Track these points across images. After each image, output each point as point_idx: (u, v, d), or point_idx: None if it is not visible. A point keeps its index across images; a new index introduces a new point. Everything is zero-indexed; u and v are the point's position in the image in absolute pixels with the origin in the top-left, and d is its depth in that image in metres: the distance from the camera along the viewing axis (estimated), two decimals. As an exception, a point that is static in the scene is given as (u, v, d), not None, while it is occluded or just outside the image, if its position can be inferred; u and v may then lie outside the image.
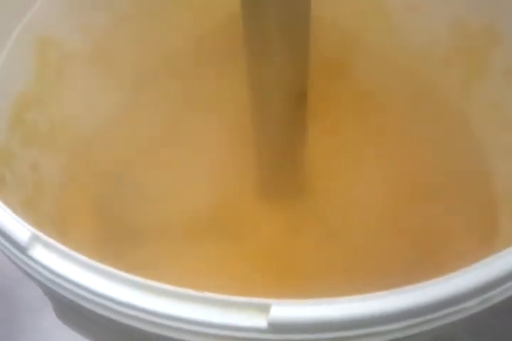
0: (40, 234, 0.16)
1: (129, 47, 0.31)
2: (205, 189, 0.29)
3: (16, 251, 0.16)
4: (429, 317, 0.14)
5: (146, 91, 0.32)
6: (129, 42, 0.31)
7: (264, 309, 0.14)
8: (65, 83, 0.28)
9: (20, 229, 0.16)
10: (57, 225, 0.25)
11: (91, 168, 0.29)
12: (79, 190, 0.28)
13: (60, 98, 0.28)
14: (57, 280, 0.15)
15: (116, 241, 0.27)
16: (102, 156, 0.29)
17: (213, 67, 0.31)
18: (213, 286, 0.15)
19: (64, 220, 0.26)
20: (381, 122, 0.31)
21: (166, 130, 0.31)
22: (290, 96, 0.25)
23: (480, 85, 0.28)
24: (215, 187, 0.29)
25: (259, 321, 0.14)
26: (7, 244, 0.16)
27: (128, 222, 0.28)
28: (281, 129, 0.27)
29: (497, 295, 0.15)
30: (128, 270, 0.15)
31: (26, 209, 0.21)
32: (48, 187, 0.26)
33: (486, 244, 0.24)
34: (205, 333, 0.14)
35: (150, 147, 0.31)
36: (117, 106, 0.31)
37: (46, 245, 0.16)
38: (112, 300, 0.15)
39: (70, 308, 0.16)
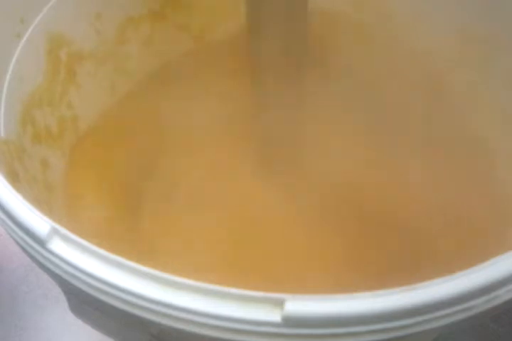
0: (60, 228, 0.16)
1: (137, 47, 0.31)
2: (207, 166, 0.30)
3: (35, 245, 0.16)
4: (440, 313, 0.15)
5: (153, 90, 0.32)
6: (138, 42, 0.31)
7: (279, 303, 0.14)
8: (74, 82, 0.29)
9: (40, 223, 0.16)
10: (67, 222, 0.25)
11: (98, 164, 0.29)
12: (88, 187, 0.28)
13: (69, 96, 0.28)
14: (76, 273, 0.15)
15: (127, 237, 0.27)
16: (108, 153, 0.30)
17: (218, 68, 0.32)
18: (213, 256, 0.15)
19: (74, 217, 0.26)
20: (379, 118, 0.32)
21: (172, 125, 0.31)
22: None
23: (484, 89, 0.29)
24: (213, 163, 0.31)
25: (273, 315, 0.15)
26: (26, 238, 0.16)
27: (139, 218, 0.29)
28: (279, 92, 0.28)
29: (503, 294, 0.15)
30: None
31: (37, 206, 0.21)
32: (57, 185, 0.26)
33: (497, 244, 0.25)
34: (220, 326, 0.15)
35: (156, 141, 0.31)
36: (124, 105, 0.32)
37: (65, 238, 0.16)
38: (130, 293, 0.15)
39: (85, 301, 0.17)
